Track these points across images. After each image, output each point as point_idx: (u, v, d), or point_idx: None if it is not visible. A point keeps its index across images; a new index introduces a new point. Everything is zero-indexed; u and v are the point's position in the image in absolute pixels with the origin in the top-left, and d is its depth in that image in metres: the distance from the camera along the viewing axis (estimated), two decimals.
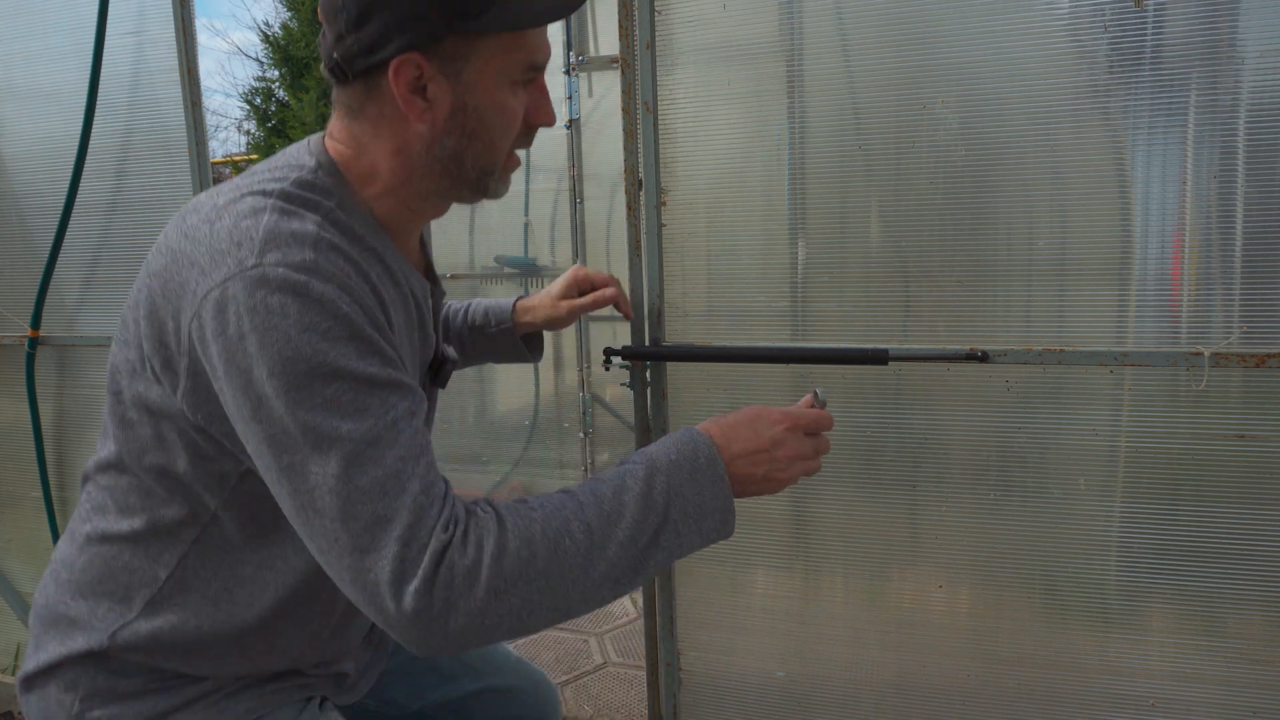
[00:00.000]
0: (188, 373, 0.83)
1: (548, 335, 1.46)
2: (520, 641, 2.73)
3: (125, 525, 0.91)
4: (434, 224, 1.16)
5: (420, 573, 0.75)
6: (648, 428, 1.59)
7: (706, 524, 0.86)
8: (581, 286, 1.36)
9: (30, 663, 0.96)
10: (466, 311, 1.37)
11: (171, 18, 1.83)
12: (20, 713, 2.30)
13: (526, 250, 3.48)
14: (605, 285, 1.35)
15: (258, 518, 0.90)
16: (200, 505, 0.89)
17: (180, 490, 0.89)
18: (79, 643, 0.92)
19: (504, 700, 1.28)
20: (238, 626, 0.92)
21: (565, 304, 1.33)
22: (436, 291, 1.05)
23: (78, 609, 0.93)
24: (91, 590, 0.93)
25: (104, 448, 0.93)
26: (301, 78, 10.18)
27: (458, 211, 2.77)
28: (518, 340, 1.35)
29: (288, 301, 0.76)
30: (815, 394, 0.96)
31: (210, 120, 18.25)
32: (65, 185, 1.96)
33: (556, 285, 1.36)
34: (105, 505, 0.93)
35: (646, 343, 1.55)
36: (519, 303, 1.36)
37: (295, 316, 0.76)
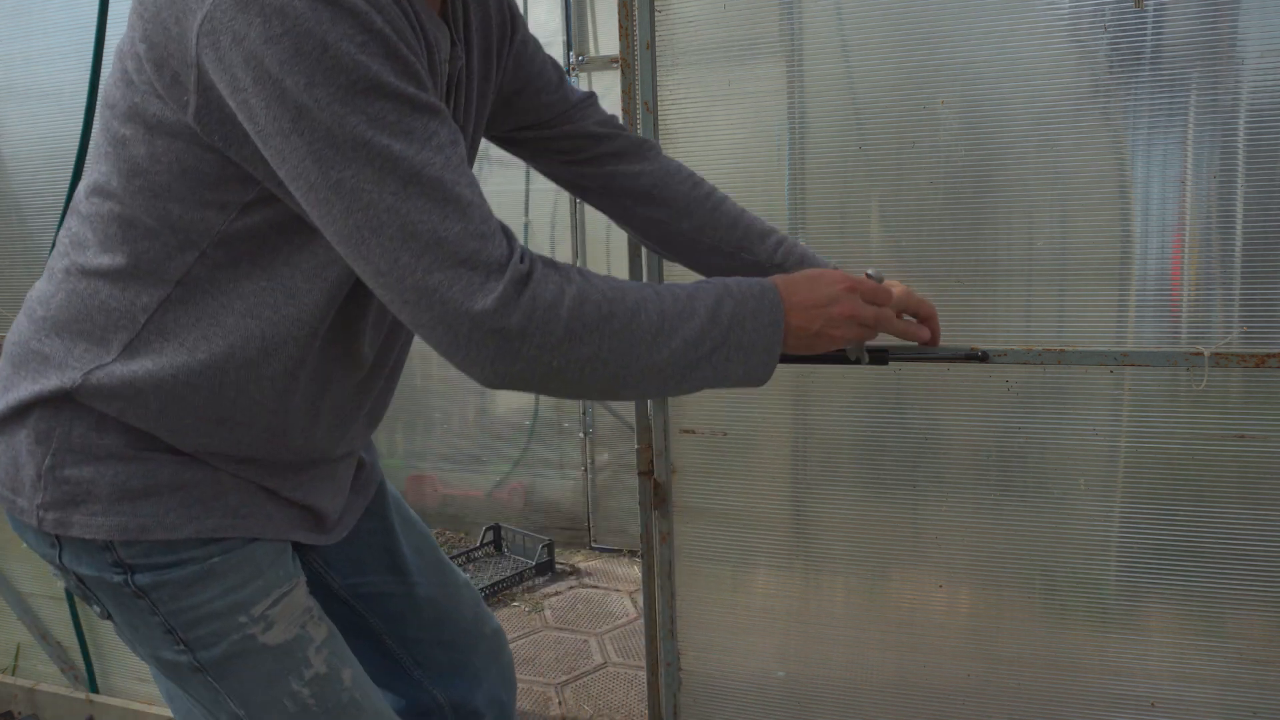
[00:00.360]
0: (198, 88, 0.75)
1: None
2: (518, 642, 2.73)
3: (105, 260, 0.84)
4: None
5: (499, 293, 0.73)
6: (648, 428, 1.59)
7: (752, 362, 0.87)
8: (903, 307, 1.08)
9: (11, 396, 0.89)
10: (780, 244, 1.16)
11: None
12: (19, 712, 2.30)
13: None
14: (929, 318, 1.10)
15: (253, 256, 0.84)
16: (188, 241, 0.83)
17: (169, 222, 0.82)
18: (51, 381, 0.86)
19: (443, 620, 1.21)
20: (218, 381, 0.86)
21: None
22: (455, 54, 0.95)
23: (52, 346, 0.87)
24: (67, 328, 0.86)
25: (93, 171, 0.86)
26: None
27: None
28: None
29: (318, 7, 0.69)
30: (868, 274, 0.96)
31: None
32: (65, 185, 1.95)
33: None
34: (85, 239, 0.86)
35: None
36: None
37: (328, 24, 0.69)
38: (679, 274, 1.55)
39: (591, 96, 1.22)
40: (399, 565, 1.18)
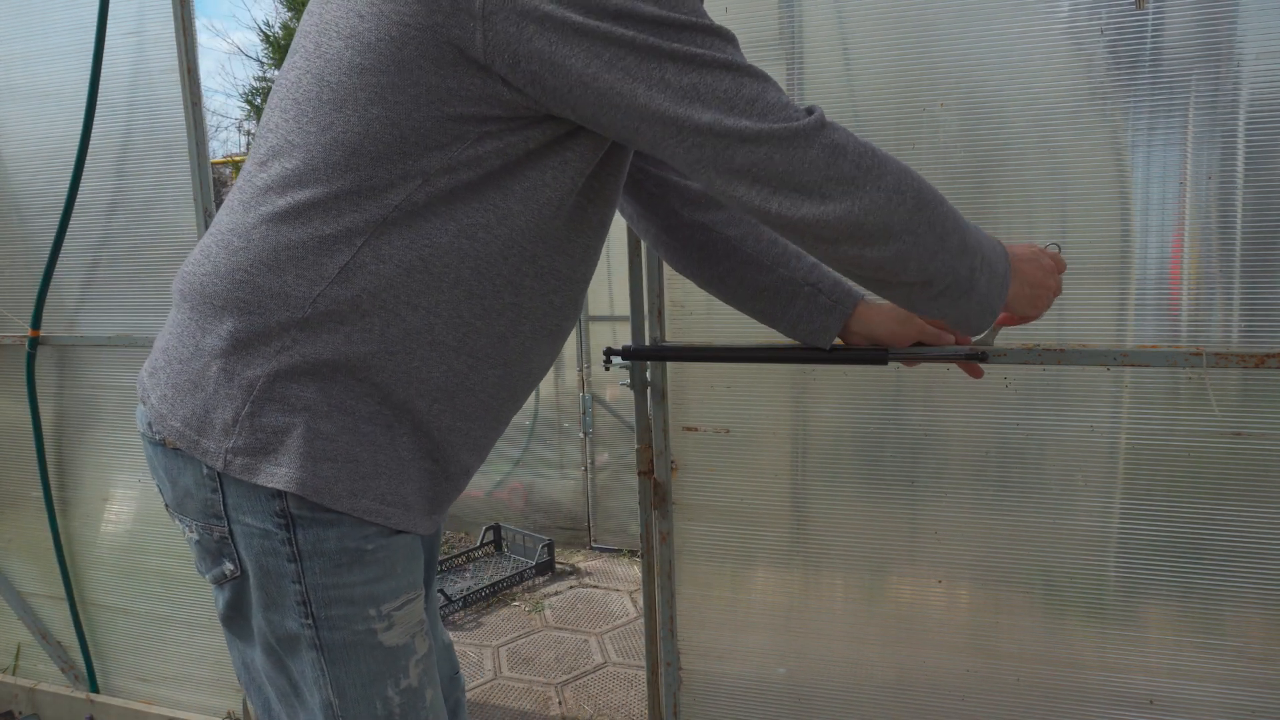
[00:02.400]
0: (483, 11, 0.81)
1: None
2: (518, 641, 2.74)
3: (321, 188, 0.85)
4: None
5: (819, 115, 0.87)
6: (648, 427, 1.59)
7: (992, 286, 0.99)
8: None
9: (210, 338, 0.89)
10: (815, 266, 1.19)
11: (171, 18, 1.83)
12: (20, 712, 2.30)
13: None
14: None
15: (471, 182, 0.87)
16: (416, 167, 0.85)
17: (402, 148, 0.85)
18: (274, 314, 0.86)
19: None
20: (434, 299, 0.89)
21: (919, 322, 1.21)
22: None
23: (263, 278, 0.87)
24: (276, 258, 0.87)
25: (305, 102, 0.87)
26: None
27: None
28: (835, 326, 1.20)
29: None
30: (1056, 246, 1.14)
31: (210, 120, 18.23)
32: (65, 185, 1.96)
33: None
34: (294, 169, 0.87)
35: (646, 342, 1.55)
36: (864, 301, 1.21)
37: None
38: (678, 290, 1.55)
39: None
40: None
